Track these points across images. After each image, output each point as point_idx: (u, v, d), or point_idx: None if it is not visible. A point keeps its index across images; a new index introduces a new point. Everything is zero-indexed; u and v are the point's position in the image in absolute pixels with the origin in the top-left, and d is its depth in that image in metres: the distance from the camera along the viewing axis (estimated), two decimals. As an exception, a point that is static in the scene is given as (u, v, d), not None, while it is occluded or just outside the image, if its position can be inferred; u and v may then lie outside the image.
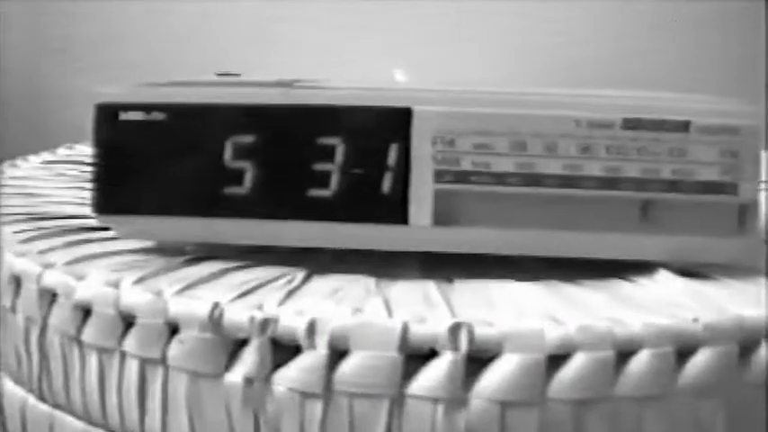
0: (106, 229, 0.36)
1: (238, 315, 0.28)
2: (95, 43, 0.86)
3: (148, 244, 0.35)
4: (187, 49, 0.85)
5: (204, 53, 0.82)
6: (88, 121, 0.33)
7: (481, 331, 0.28)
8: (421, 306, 0.29)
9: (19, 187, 0.46)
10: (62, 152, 0.56)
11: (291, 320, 0.28)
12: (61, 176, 0.49)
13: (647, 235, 0.33)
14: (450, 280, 0.33)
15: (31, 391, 0.35)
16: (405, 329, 0.27)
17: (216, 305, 0.28)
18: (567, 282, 0.33)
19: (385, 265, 0.35)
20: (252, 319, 0.28)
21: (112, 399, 0.31)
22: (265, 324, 0.28)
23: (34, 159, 0.54)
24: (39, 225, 0.38)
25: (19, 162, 0.53)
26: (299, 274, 0.33)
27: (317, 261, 0.35)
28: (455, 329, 0.27)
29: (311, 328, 0.28)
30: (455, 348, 0.27)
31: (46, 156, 0.55)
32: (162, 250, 0.35)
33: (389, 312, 0.28)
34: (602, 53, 0.80)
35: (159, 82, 0.34)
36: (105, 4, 0.87)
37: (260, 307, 0.29)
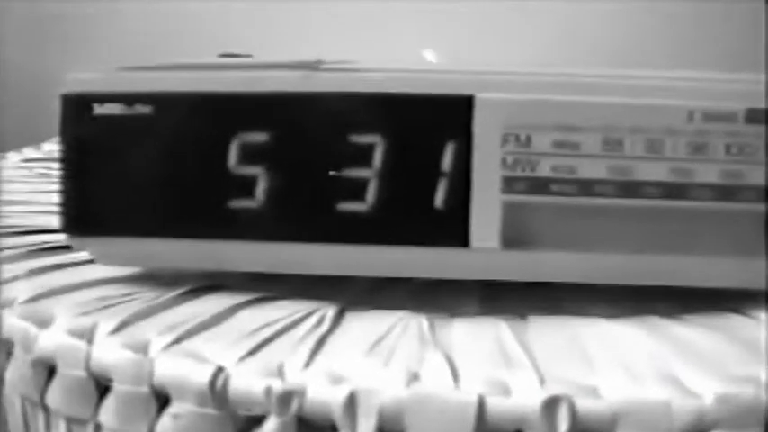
0: (84, 249, 0.27)
1: (250, 384, 0.19)
2: (92, 24, 0.78)
3: (133, 271, 0.27)
4: (189, 29, 0.76)
5: (210, 32, 0.74)
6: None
7: (586, 406, 0.19)
8: (496, 364, 0.21)
9: (-11, 192, 0.37)
10: (47, 148, 0.47)
11: (323, 392, 0.19)
12: (42, 177, 0.40)
13: (773, 257, 0.24)
14: (522, 316, 0.24)
15: (-10, 456, 0.26)
16: (481, 406, 0.19)
17: (219, 370, 0.20)
18: (669, 317, 0.25)
19: (433, 293, 0.26)
20: (269, 391, 0.19)
21: (87, 479, 0.22)
22: (288, 398, 0.19)
23: (13, 157, 0.45)
24: (2, 244, 0.29)
25: (-5, 161, 0.44)
26: (329, 312, 0.24)
27: (348, 290, 0.26)
28: (551, 406, 0.19)
29: (351, 404, 0.19)
30: (551, 431, 0.19)
31: (28, 152, 0.46)
32: (150, 279, 0.26)
33: (456, 377, 0.20)
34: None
35: (144, 65, 0.25)
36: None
37: (279, 371, 0.20)
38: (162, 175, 0.24)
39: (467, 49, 0.66)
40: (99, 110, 0.24)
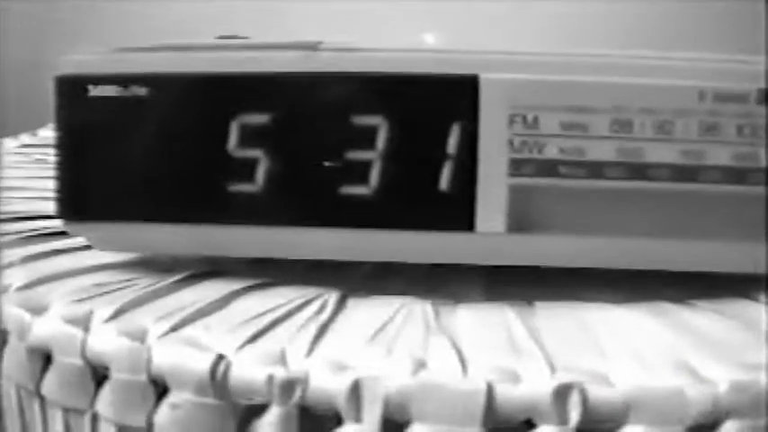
0: (81, 234, 0.26)
1: (251, 372, 0.19)
2: (90, 9, 0.76)
3: (131, 257, 0.26)
4: (191, 16, 0.75)
5: (211, 20, 0.72)
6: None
7: (597, 394, 0.18)
8: (503, 350, 0.20)
9: (-15, 178, 0.36)
10: (44, 134, 0.46)
11: (327, 380, 0.18)
12: (39, 163, 0.39)
13: (783, 242, 0.23)
14: (528, 302, 0.24)
15: (-15, 446, 0.26)
16: (490, 394, 0.18)
17: (219, 358, 0.19)
18: (678, 303, 0.24)
19: (436, 278, 0.25)
20: (270, 380, 0.19)
21: (85, 470, 0.22)
22: (290, 386, 0.18)
23: (10, 143, 0.44)
24: (-2, 230, 0.29)
25: (-10, 146, 0.43)
26: (331, 298, 0.23)
27: (350, 275, 0.25)
28: (562, 393, 0.18)
29: (356, 393, 0.18)
30: (562, 420, 0.18)
31: (24, 138, 0.45)
32: (148, 265, 0.25)
33: (464, 364, 0.19)
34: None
35: (140, 46, 0.24)
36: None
37: (282, 359, 0.19)
38: (159, 158, 0.23)
39: (467, 35, 0.64)
40: (94, 92, 0.23)
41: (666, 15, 0.71)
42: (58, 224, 0.27)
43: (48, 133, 0.46)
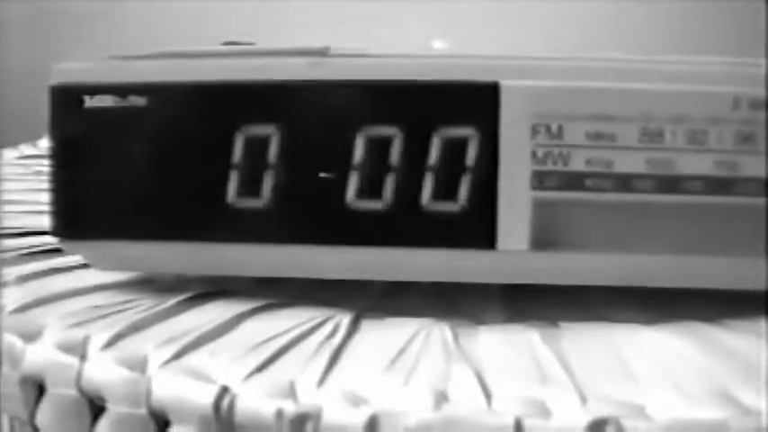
0: (78, 252, 0.25)
1: (258, 406, 0.17)
2: (92, 18, 0.75)
3: (131, 276, 0.24)
4: (192, 26, 0.74)
5: (213, 28, 0.71)
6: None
7: (635, 428, 0.17)
8: (530, 379, 0.18)
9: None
10: (45, 144, 0.45)
11: (341, 415, 0.17)
12: (38, 175, 0.38)
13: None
14: (553, 323, 0.22)
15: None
16: (518, 429, 0.16)
17: (224, 390, 0.17)
18: (711, 323, 0.22)
19: (454, 297, 0.24)
20: (280, 414, 0.17)
21: (82, 505, 0.20)
22: (301, 421, 0.17)
23: (9, 154, 0.43)
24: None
25: (-11, 158, 0.42)
26: (343, 320, 0.22)
27: (363, 295, 0.24)
28: (597, 429, 0.16)
29: (372, 429, 0.17)
30: (597, 457, 0.16)
31: (24, 149, 0.44)
32: (148, 285, 0.24)
33: (488, 396, 0.17)
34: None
35: (138, 54, 0.23)
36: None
37: (291, 391, 0.18)
38: (159, 172, 0.22)
39: (479, 41, 0.63)
40: (90, 102, 0.22)
41: (673, 16, 0.70)
42: (55, 240, 0.25)
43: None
